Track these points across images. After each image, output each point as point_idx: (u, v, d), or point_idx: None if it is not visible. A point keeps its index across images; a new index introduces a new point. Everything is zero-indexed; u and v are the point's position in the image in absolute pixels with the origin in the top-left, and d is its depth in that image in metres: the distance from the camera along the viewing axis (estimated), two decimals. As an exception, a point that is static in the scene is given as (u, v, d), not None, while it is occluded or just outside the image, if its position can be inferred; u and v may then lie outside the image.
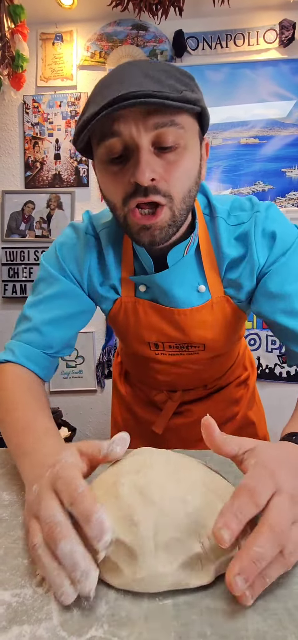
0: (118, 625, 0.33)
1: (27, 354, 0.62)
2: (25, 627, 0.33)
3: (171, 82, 0.47)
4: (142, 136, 0.47)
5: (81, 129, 0.49)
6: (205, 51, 1.82)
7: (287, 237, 0.58)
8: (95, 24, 1.86)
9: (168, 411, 0.78)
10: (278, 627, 0.32)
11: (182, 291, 0.62)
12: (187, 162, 0.51)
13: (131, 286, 0.65)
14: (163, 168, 0.49)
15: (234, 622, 0.33)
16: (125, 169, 0.50)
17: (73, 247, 0.65)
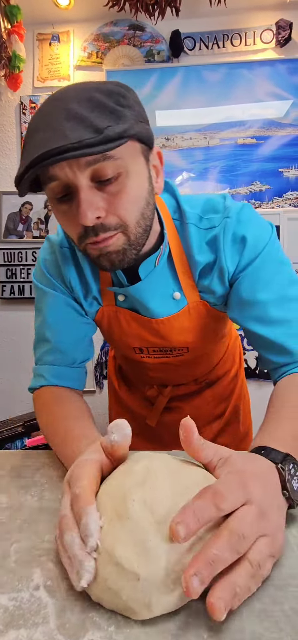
0: (115, 629, 0.33)
1: (57, 374, 0.65)
2: (22, 631, 0.33)
3: (94, 119, 0.43)
4: (78, 176, 0.45)
5: (18, 180, 0.46)
6: (202, 51, 1.82)
7: (259, 241, 0.57)
8: (91, 24, 1.85)
9: (159, 405, 0.81)
10: (274, 629, 0.33)
11: (157, 301, 0.62)
12: (132, 189, 0.49)
13: (111, 295, 0.65)
14: (108, 202, 0.48)
15: (231, 624, 0.33)
16: (72, 208, 0.48)
17: (54, 262, 0.65)
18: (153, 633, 0.32)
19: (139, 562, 0.33)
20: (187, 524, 0.31)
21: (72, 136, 0.41)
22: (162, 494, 0.36)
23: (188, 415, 0.40)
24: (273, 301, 0.56)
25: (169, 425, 0.82)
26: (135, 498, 0.36)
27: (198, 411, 0.80)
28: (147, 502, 0.35)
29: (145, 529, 0.34)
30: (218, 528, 0.33)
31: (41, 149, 0.42)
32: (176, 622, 0.34)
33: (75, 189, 0.46)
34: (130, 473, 0.40)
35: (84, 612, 0.35)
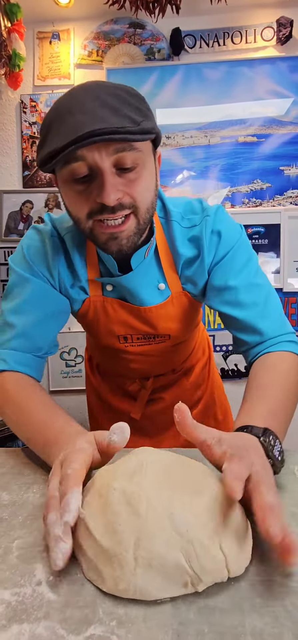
0: (117, 623, 0.33)
1: (19, 360, 0.64)
2: (25, 626, 0.33)
3: (128, 112, 0.49)
4: (105, 160, 0.50)
5: (48, 159, 0.50)
6: (202, 49, 1.82)
7: (231, 237, 0.65)
8: (92, 22, 1.85)
9: (142, 398, 0.84)
10: (275, 624, 0.33)
11: (146, 291, 0.67)
12: (145, 179, 0.56)
13: (98, 286, 0.68)
14: (126, 186, 0.54)
15: (231, 619, 0.33)
16: (90, 188, 0.53)
17: (40, 250, 0.66)
18: (155, 627, 0.33)
19: (105, 536, 0.37)
20: (240, 482, 0.37)
21: (113, 122, 0.47)
22: (145, 490, 0.39)
23: (171, 402, 0.47)
24: (243, 287, 0.64)
25: (152, 417, 0.86)
26: (117, 487, 0.40)
27: (179, 399, 0.85)
28: (127, 494, 0.39)
29: (118, 513, 0.38)
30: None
31: (88, 127, 0.46)
32: (177, 617, 0.34)
33: (99, 171, 0.51)
34: (125, 464, 0.44)
35: (86, 607, 0.35)
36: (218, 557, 0.36)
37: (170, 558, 0.35)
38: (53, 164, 0.50)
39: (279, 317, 0.65)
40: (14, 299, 0.65)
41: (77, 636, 0.32)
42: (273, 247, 1.82)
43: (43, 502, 0.51)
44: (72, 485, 0.40)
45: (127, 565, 0.35)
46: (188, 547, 0.36)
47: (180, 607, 0.35)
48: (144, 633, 0.32)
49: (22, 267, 0.66)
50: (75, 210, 0.56)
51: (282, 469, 0.52)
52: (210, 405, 0.92)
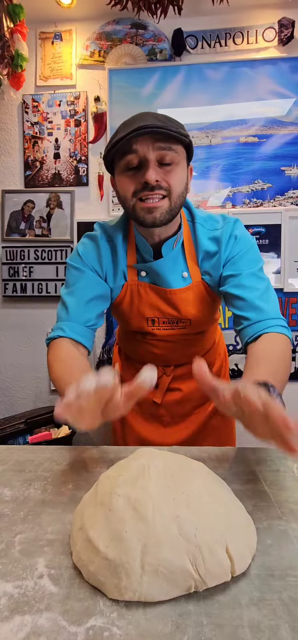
0: (117, 615, 0.34)
1: (73, 329, 0.79)
2: (27, 617, 0.34)
3: (171, 124, 0.72)
4: (151, 154, 0.70)
5: (111, 147, 0.73)
6: (204, 50, 1.82)
7: (245, 242, 0.81)
8: (94, 22, 1.86)
9: (163, 384, 0.94)
10: (272, 617, 0.33)
11: (172, 276, 0.82)
12: (179, 173, 0.74)
13: (135, 273, 0.85)
14: (164, 175, 0.72)
15: (230, 612, 0.34)
16: (137, 175, 0.72)
17: (93, 249, 0.84)
18: (154, 619, 0.33)
19: (110, 545, 0.37)
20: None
21: (160, 124, 0.69)
22: (150, 495, 0.39)
23: (187, 393, 0.60)
24: (248, 275, 0.77)
25: (169, 407, 0.95)
26: (121, 493, 0.39)
27: (194, 393, 0.94)
28: (132, 499, 0.38)
29: (123, 520, 0.37)
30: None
31: (141, 123, 0.68)
32: (176, 610, 0.34)
33: (146, 162, 0.71)
34: (127, 468, 0.43)
35: (86, 599, 0.36)
36: (224, 561, 0.36)
37: (177, 563, 0.35)
38: (116, 149, 0.71)
39: (276, 305, 0.77)
40: (70, 286, 0.83)
41: (78, 627, 0.33)
42: (273, 247, 1.83)
43: (44, 498, 0.52)
44: (85, 378, 0.49)
45: (134, 575, 0.34)
46: (196, 552, 0.35)
47: (180, 599, 0.36)
48: (143, 625, 0.33)
49: (76, 262, 0.84)
50: (124, 190, 0.74)
51: (282, 468, 0.55)
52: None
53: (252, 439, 0.49)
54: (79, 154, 1.90)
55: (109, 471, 0.45)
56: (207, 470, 0.46)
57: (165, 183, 0.72)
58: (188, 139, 0.75)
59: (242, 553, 0.38)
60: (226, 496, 0.44)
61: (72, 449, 0.68)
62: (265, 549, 0.42)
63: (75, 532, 0.41)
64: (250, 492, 0.52)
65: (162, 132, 0.68)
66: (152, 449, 0.47)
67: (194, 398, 0.94)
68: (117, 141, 0.70)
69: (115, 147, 0.71)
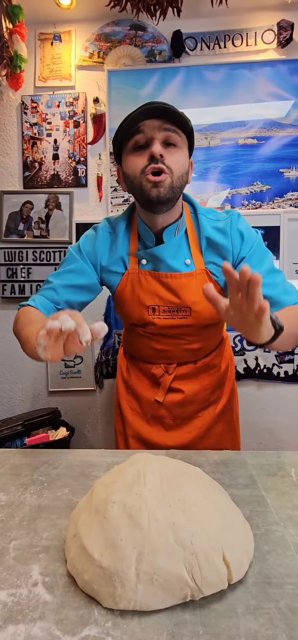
0: (112, 624, 0.33)
1: (43, 303, 0.84)
2: (21, 627, 0.33)
3: (178, 111, 0.78)
4: (157, 134, 0.76)
5: (120, 126, 0.79)
6: (203, 51, 1.82)
7: (251, 238, 0.83)
8: (93, 24, 1.85)
9: (165, 383, 0.94)
10: (269, 626, 0.33)
11: (174, 262, 0.84)
12: (181, 156, 0.79)
13: (136, 261, 0.87)
14: (168, 154, 0.77)
15: (226, 621, 0.34)
16: (144, 153, 0.77)
17: (92, 238, 0.89)
18: (150, 628, 0.33)
19: (104, 553, 0.36)
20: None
21: (167, 106, 0.75)
22: (146, 501, 0.38)
23: (189, 395, 0.77)
24: (266, 272, 0.80)
25: (170, 408, 0.93)
26: (116, 500, 0.39)
27: (197, 395, 0.93)
28: (127, 506, 0.38)
29: (118, 527, 0.37)
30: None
31: (149, 104, 0.75)
32: (172, 619, 0.34)
33: (152, 141, 0.76)
34: (122, 474, 0.42)
35: (81, 608, 0.35)
36: (221, 569, 0.36)
37: (173, 572, 0.34)
38: (126, 126, 0.77)
39: (295, 292, 0.82)
40: (61, 268, 0.89)
41: (73, 637, 0.32)
42: (272, 249, 1.82)
43: (40, 503, 0.51)
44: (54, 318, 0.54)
45: (128, 583, 0.34)
46: (192, 560, 0.35)
47: (175, 608, 0.35)
48: (138, 634, 0.32)
49: (75, 250, 0.89)
50: (132, 169, 0.78)
51: (280, 472, 0.56)
52: (227, 410, 0.98)
53: (255, 445, 0.50)
54: (77, 155, 1.89)
55: (105, 477, 0.45)
56: (204, 476, 0.46)
57: (168, 161, 0.76)
58: (190, 125, 0.80)
59: (239, 560, 0.38)
60: (223, 502, 0.43)
61: (69, 452, 0.67)
62: (262, 555, 0.41)
63: (69, 540, 0.41)
64: (248, 498, 0.52)
65: (167, 109, 0.74)
66: (148, 455, 0.47)
67: (197, 400, 0.93)
68: (126, 120, 0.77)
69: (124, 125, 0.77)
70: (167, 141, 0.77)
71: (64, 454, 0.66)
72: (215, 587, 0.35)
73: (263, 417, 1.83)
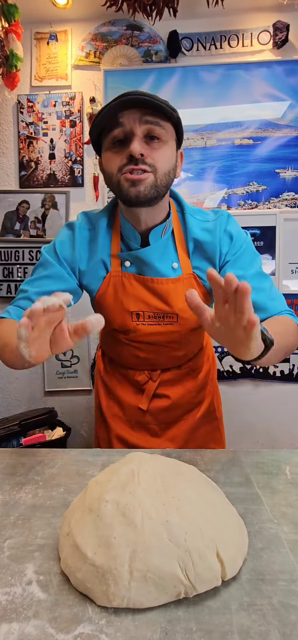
0: (106, 622, 0.34)
1: (18, 314, 0.78)
2: (14, 625, 0.33)
3: (160, 99, 0.68)
4: (137, 128, 0.68)
5: (96, 117, 0.70)
6: (199, 52, 1.82)
7: (240, 239, 0.79)
8: (89, 23, 1.85)
9: (149, 390, 0.89)
10: (262, 622, 0.33)
11: (161, 265, 0.78)
12: (166, 152, 0.71)
13: (118, 263, 0.80)
14: (150, 151, 0.69)
15: (219, 617, 0.34)
16: (123, 149, 0.69)
17: (68, 240, 0.80)
18: (143, 625, 0.33)
19: (98, 551, 0.36)
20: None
21: (148, 97, 0.65)
22: (139, 500, 0.38)
23: (175, 400, 0.70)
24: (253, 276, 0.76)
25: (156, 414, 0.90)
26: (109, 499, 0.39)
27: (182, 399, 0.91)
28: (121, 505, 0.38)
29: (111, 526, 0.37)
30: None
31: (126, 95, 0.65)
32: (166, 616, 0.34)
33: (132, 135, 0.68)
34: (116, 473, 0.42)
35: (75, 606, 0.35)
36: (215, 566, 0.36)
37: (166, 569, 0.34)
38: (102, 117, 0.68)
39: (282, 299, 0.78)
40: (34, 274, 0.81)
41: (66, 635, 0.32)
42: (268, 249, 1.83)
43: (35, 502, 0.51)
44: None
45: (121, 581, 0.34)
46: (186, 557, 0.35)
47: (169, 605, 0.35)
48: (132, 631, 0.33)
49: (50, 253, 0.80)
50: (110, 166, 0.71)
51: (274, 470, 0.57)
52: (210, 410, 0.96)
53: (251, 444, 0.50)
54: (74, 155, 1.89)
55: (99, 476, 0.45)
56: (199, 474, 0.46)
57: (150, 159, 0.68)
58: (176, 114, 0.72)
59: (233, 557, 0.38)
60: (217, 500, 0.43)
61: (64, 451, 0.67)
62: (256, 552, 0.42)
63: (62, 538, 0.41)
64: (242, 495, 0.52)
65: (146, 101, 0.65)
66: (142, 454, 0.47)
67: (182, 404, 0.90)
68: (102, 111, 0.68)
69: (99, 117, 0.68)
70: (149, 134, 0.68)
71: (59, 454, 0.66)
72: (208, 584, 0.36)
73: (260, 416, 1.84)
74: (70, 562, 0.37)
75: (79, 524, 0.39)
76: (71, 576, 0.37)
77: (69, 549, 0.38)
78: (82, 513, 0.40)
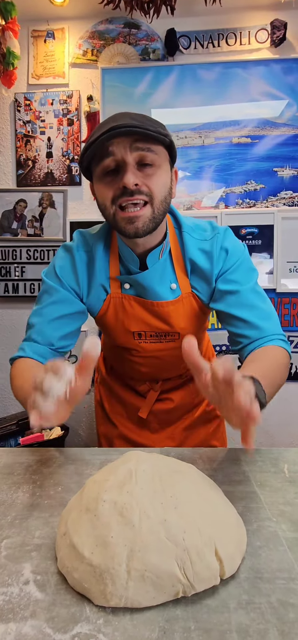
0: (104, 622, 0.33)
1: (34, 350, 0.75)
2: (11, 625, 0.33)
3: (149, 123, 0.65)
4: (129, 156, 0.65)
5: (85, 150, 0.67)
6: (197, 50, 1.82)
7: (236, 253, 0.76)
8: (87, 21, 1.84)
9: (151, 399, 0.90)
10: (260, 621, 0.33)
11: (160, 288, 0.77)
12: (161, 176, 0.68)
13: (118, 285, 0.79)
14: (145, 178, 0.66)
15: (218, 616, 0.34)
16: (115, 179, 0.67)
17: (69, 264, 0.78)
18: (141, 625, 0.33)
19: (95, 551, 0.36)
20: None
21: (136, 124, 0.63)
22: (137, 499, 0.38)
23: (178, 402, 0.69)
24: (247, 291, 0.74)
25: (158, 414, 0.91)
26: (107, 499, 0.39)
27: (183, 400, 0.92)
28: (118, 504, 0.38)
29: (109, 525, 0.37)
30: None
31: (114, 124, 0.62)
32: (164, 615, 0.34)
33: (124, 164, 0.65)
34: (114, 472, 0.42)
35: (73, 605, 0.35)
36: (213, 565, 0.36)
37: (164, 568, 0.34)
38: (91, 152, 0.65)
39: (276, 320, 0.75)
40: (40, 304, 0.78)
41: (64, 635, 0.32)
42: (266, 247, 1.83)
43: (32, 502, 0.51)
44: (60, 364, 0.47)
45: (119, 580, 0.34)
46: (184, 556, 0.35)
47: (167, 604, 0.35)
48: (130, 631, 0.32)
49: (52, 279, 0.78)
50: (102, 197, 0.68)
51: (273, 469, 0.57)
52: (211, 409, 0.97)
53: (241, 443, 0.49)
54: (71, 154, 1.89)
55: (96, 475, 0.45)
56: (197, 472, 0.46)
57: (145, 187, 0.66)
58: (169, 139, 0.68)
59: (232, 555, 0.38)
60: (216, 498, 0.43)
61: (62, 450, 0.67)
62: (254, 551, 0.41)
63: (59, 538, 0.40)
64: (241, 494, 0.52)
65: (137, 131, 0.62)
66: (140, 453, 0.47)
67: (184, 405, 0.92)
68: (91, 144, 0.64)
69: (89, 150, 0.65)
70: (142, 162, 0.66)
71: (57, 453, 0.65)
72: (207, 582, 0.36)
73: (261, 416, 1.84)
74: (67, 562, 0.37)
75: (76, 523, 0.39)
76: (68, 576, 0.37)
77: (65, 549, 0.38)
78: (79, 513, 0.40)
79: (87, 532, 0.37)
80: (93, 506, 0.39)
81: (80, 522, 0.39)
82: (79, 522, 0.39)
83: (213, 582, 0.36)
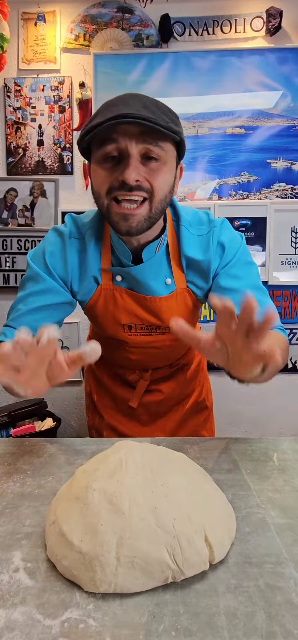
0: (93, 607, 0.34)
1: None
2: (1, 612, 0.33)
3: (162, 115, 0.61)
4: (134, 148, 0.60)
5: (87, 132, 0.62)
6: (191, 37, 1.79)
7: (234, 246, 0.74)
8: (79, 4, 1.80)
9: (140, 389, 0.89)
10: (248, 604, 0.34)
11: (154, 282, 0.74)
12: (165, 174, 0.64)
13: (109, 276, 0.76)
14: (147, 174, 0.62)
15: (206, 600, 0.34)
16: (115, 168, 0.62)
17: (59, 251, 0.74)
18: (130, 610, 0.33)
19: (84, 539, 0.36)
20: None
21: (146, 114, 0.58)
22: (127, 488, 0.38)
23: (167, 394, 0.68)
24: (245, 287, 0.70)
25: (148, 406, 0.91)
26: (96, 488, 0.39)
27: (173, 392, 0.91)
28: (108, 493, 0.38)
29: (98, 514, 0.37)
30: None
31: (126, 111, 0.57)
32: (153, 599, 0.34)
33: (127, 155, 0.60)
34: (104, 462, 0.42)
35: (63, 592, 0.35)
36: (203, 551, 0.36)
37: (153, 554, 0.35)
38: (92, 135, 0.60)
39: (275, 313, 0.72)
40: (24, 290, 0.74)
41: (54, 620, 0.32)
42: (259, 240, 1.84)
43: (23, 491, 0.51)
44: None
45: (108, 567, 0.34)
46: (174, 543, 0.35)
47: (157, 589, 0.35)
48: (120, 615, 0.33)
49: (40, 265, 0.73)
50: (98, 184, 0.64)
51: (262, 457, 0.58)
52: (201, 400, 0.98)
53: (240, 433, 0.49)
54: (63, 142, 1.85)
55: (86, 465, 0.45)
56: (188, 461, 0.46)
57: (147, 184, 0.62)
58: (180, 136, 0.63)
59: (221, 541, 0.38)
60: (206, 486, 0.44)
61: (53, 441, 0.67)
62: (243, 537, 0.42)
63: (48, 527, 0.40)
64: (231, 482, 0.53)
65: (149, 125, 0.57)
66: (131, 442, 0.47)
67: (174, 397, 0.92)
68: (94, 126, 0.59)
69: (91, 134, 0.60)
70: (147, 154, 0.61)
71: (48, 443, 0.65)
72: (196, 568, 0.36)
73: (248, 406, 1.87)
74: (57, 550, 0.37)
75: (65, 512, 0.39)
76: (58, 564, 0.37)
77: (54, 537, 0.38)
78: (68, 502, 0.40)
79: (76, 521, 0.37)
80: (83, 495, 0.39)
81: (69, 511, 0.39)
82: (68, 511, 0.39)
83: (202, 568, 0.36)
